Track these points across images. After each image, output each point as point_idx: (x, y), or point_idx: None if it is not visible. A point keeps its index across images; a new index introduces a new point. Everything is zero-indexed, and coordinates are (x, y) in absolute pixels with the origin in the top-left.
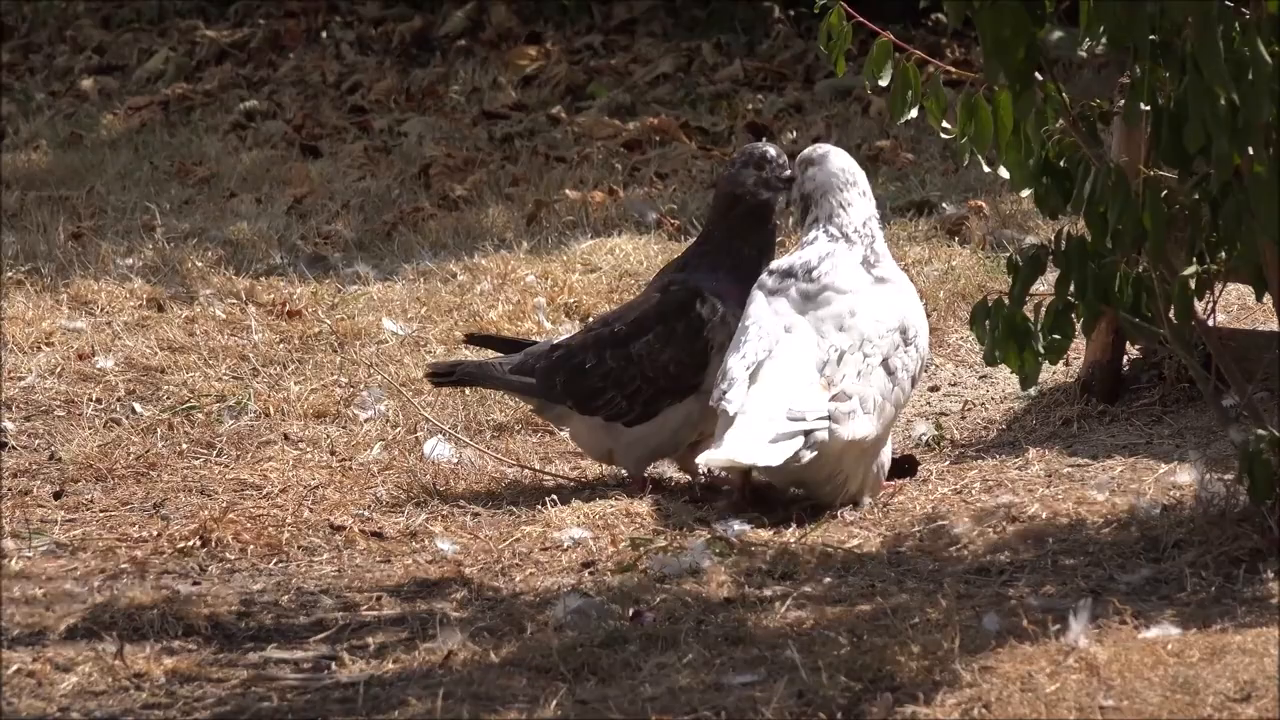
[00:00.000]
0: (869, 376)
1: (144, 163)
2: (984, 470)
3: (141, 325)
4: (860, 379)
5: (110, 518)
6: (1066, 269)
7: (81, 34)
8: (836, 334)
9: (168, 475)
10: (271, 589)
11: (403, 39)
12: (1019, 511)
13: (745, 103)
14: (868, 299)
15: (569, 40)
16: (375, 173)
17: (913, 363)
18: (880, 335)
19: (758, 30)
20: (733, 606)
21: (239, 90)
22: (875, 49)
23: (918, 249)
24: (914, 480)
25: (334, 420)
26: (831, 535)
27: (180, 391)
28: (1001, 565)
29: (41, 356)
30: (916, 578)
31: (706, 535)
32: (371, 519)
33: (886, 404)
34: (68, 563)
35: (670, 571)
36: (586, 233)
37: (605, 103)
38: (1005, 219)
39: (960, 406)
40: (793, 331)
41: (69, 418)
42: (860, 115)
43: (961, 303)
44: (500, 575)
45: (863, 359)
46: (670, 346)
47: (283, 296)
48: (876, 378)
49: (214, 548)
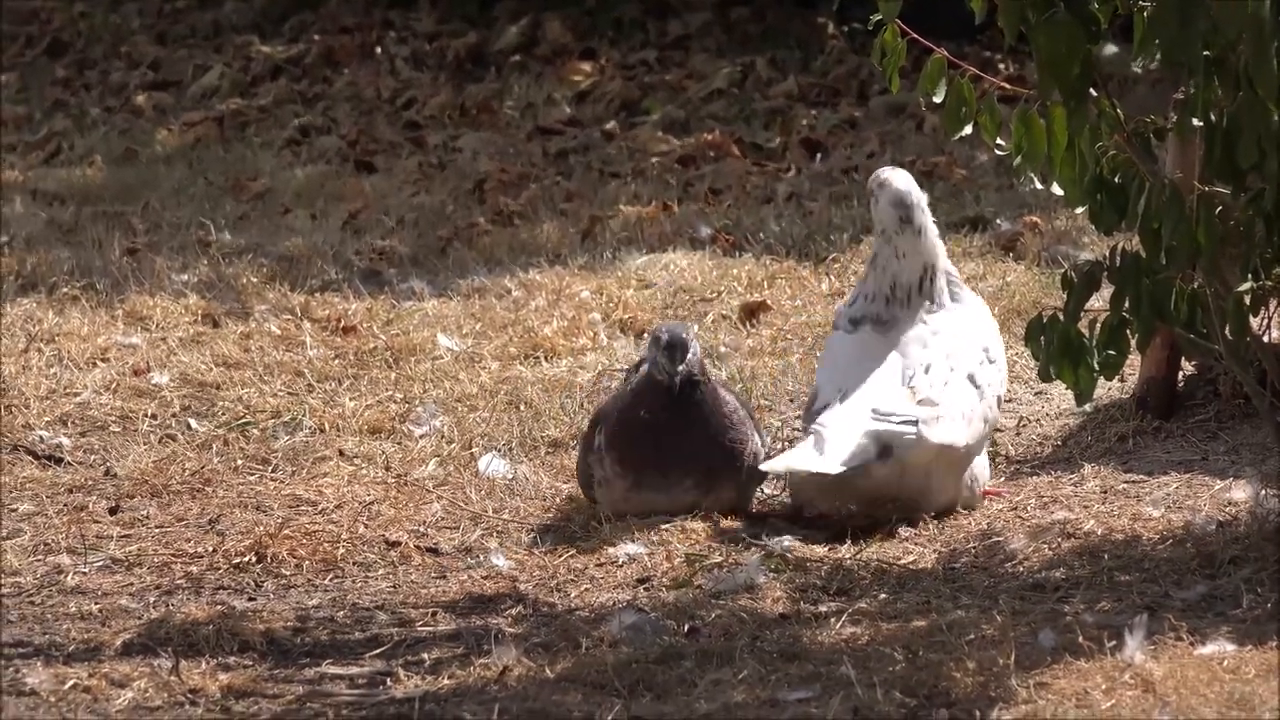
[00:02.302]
0: (956, 387)
1: (199, 178)
2: (1039, 486)
3: (196, 341)
4: (947, 388)
5: (165, 533)
6: (1121, 285)
7: (136, 50)
8: (920, 350)
9: (223, 491)
10: (327, 605)
11: (457, 54)
12: (1074, 528)
13: (799, 118)
14: (947, 319)
15: (623, 56)
16: (430, 188)
17: (996, 380)
18: (963, 350)
19: (812, 46)
20: (788, 622)
21: (293, 106)
22: (929, 65)
23: (972, 265)
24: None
25: (389, 436)
26: (887, 551)
27: (235, 407)
28: (1057, 581)
29: (97, 372)
30: (972, 594)
31: (761, 551)
32: (426, 535)
33: (975, 416)
34: (123, 578)
35: (725, 587)
36: (641, 248)
37: (659, 118)
38: (1059, 235)
39: (1015, 422)
40: (876, 355)
41: (124, 434)
42: (914, 131)
43: (1016, 319)
44: (555, 591)
45: (949, 370)
46: None
47: (337, 312)
48: (963, 389)
49: (269, 564)
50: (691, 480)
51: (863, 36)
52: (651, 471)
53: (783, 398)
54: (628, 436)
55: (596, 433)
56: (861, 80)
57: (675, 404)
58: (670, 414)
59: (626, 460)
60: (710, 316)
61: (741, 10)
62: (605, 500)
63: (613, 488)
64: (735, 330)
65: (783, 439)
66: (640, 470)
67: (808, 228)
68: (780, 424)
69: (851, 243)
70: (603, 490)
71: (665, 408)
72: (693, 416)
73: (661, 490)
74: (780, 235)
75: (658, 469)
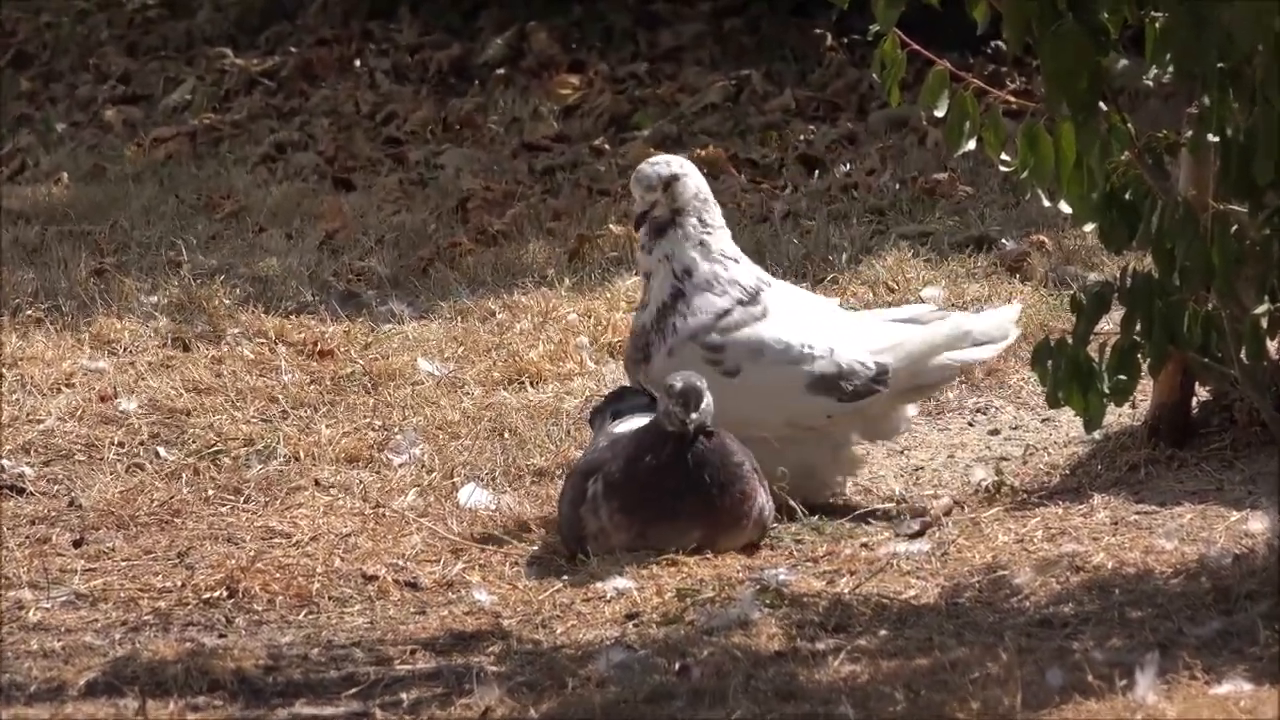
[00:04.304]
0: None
1: (169, 196)
2: (1046, 518)
3: (166, 366)
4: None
5: (132, 567)
6: (1132, 307)
7: (105, 62)
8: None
9: (193, 523)
10: (301, 642)
11: (439, 67)
12: (1083, 561)
13: (797, 134)
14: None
15: (613, 69)
16: (411, 206)
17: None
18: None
19: (810, 59)
20: (784, 660)
21: (269, 121)
22: (931, 78)
23: (976, 286)
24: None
25: (367, 465)
26: (887, 586)
27: (206, 435)
28: (1065, 617)
29: (61, 398)
30: (976, 630)
31: (756, 586)
32: (406, 568)
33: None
34: (88, 614)
35: (718, 623)
36: (631, 269)
37: (651, 134)
38: (1068, 255)
39: (1021, 451)
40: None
41: (90, 462)
42: (916, 146)
43: (1023, 342)
44: (540, 627)
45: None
46: None
47: (314, 335)
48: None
49: (241, 599)
50: (699, 532)
51: (862, 48)
52: (659, 522)
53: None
54: (633, 486)
55: (590, 483)
56: (861, 94)
57: (683, 453)
58: (678, 463)
59: (632, 510)
60: None
61: (735, 21)
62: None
63: (611, 539)
64: None
65: None
66: (647, 521)
67: (805, 247)
68: None
69: (851, 263)
70: (597, 543)
71: (674, 457)
72: (701, 466)
73: (667, 541)
74: (777, 255)
75: (666, 519)
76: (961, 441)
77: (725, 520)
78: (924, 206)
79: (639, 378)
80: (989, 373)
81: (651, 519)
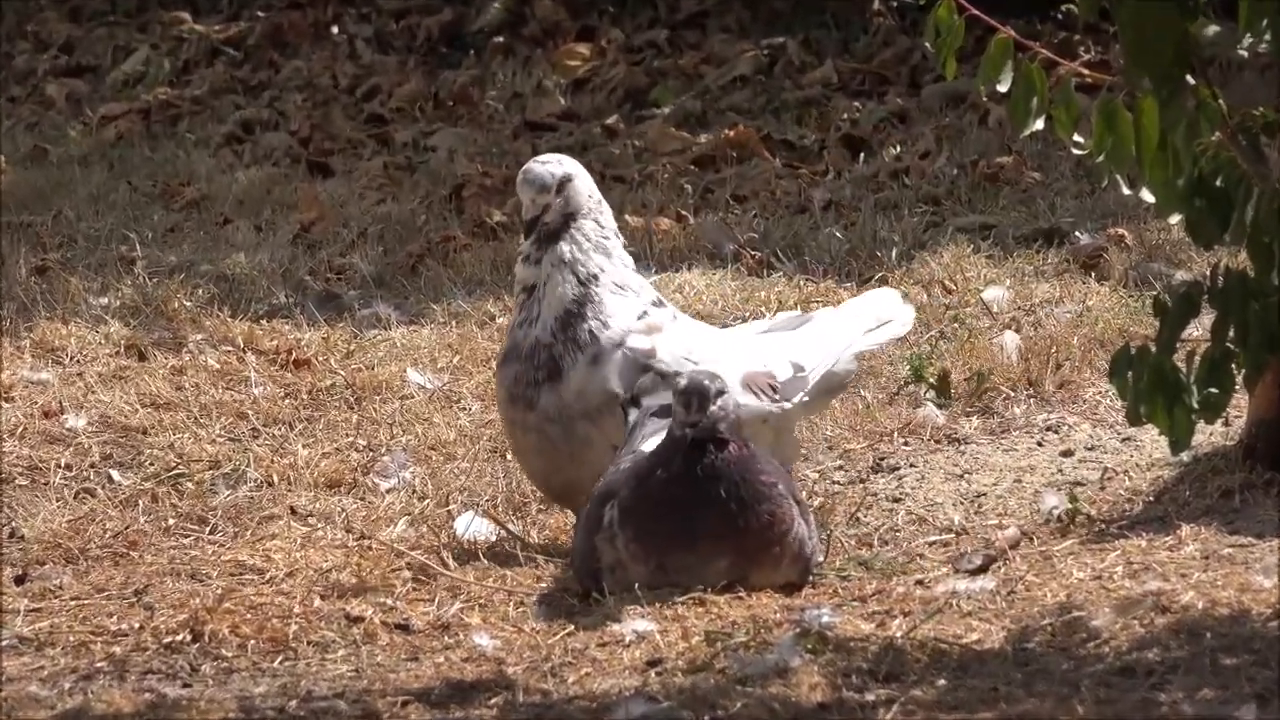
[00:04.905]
0: None
1: (120, 182)
2: (1128, 551)
3: (119, 377)
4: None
5: (83, 607)
6: (1224, 310)
7: (45, 29)
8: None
9: (151, 556)
10: (275, 693)
11: (429, 35)
12: (1170, 600)
13: (839, 111)
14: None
15: (628, 36)
16: (398, 195)
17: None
18: None
19: (854, 25)
20: (827, 713)
21: (234, 96)
22: (993, 47)
23: (1046, 286)
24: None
25: (350, 491)
26: (945, 628)
27: (166, 456)
28: (1150, 665)
29: None
30: (1048, 680)
31: (796, 628)
32: (395, 608)
33: None
34: (32, 660)
35: (753, 671)
36: (650, 266)
37: (671, 111)
38: (1151, 250)
39: (1099, 475)
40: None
41: (33, 487)
42: (976, 126)
43: (1099, 351)
44: (550, 676)
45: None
46: None
47: (288, 343)
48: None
49: (207, 643)
50: (725, 561)
51: (914, 13)
52: (677, 551)
53: (820, 445)
54: (645, 506)
55: (606, 509)
56: (913, 65)
57: (697, 467)
58: (687, 474)
59: (646, 536)
60: None
61: None
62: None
63: (629, 572)
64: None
65: (821, 494)
66: (663, 551)
67: (849, 242)
68: (818, 476)
69: (902, 260)
70: (613, 577)
71: (683, 468)
72: (716, 478)
73: (691, 574)
74: (816, 251)
75: (684, 547)
76: (1030, 464)
77: (752, 544)
78: (985, 195)
79: (540, 400)
80: (1060, 385)
81: (668, 545)
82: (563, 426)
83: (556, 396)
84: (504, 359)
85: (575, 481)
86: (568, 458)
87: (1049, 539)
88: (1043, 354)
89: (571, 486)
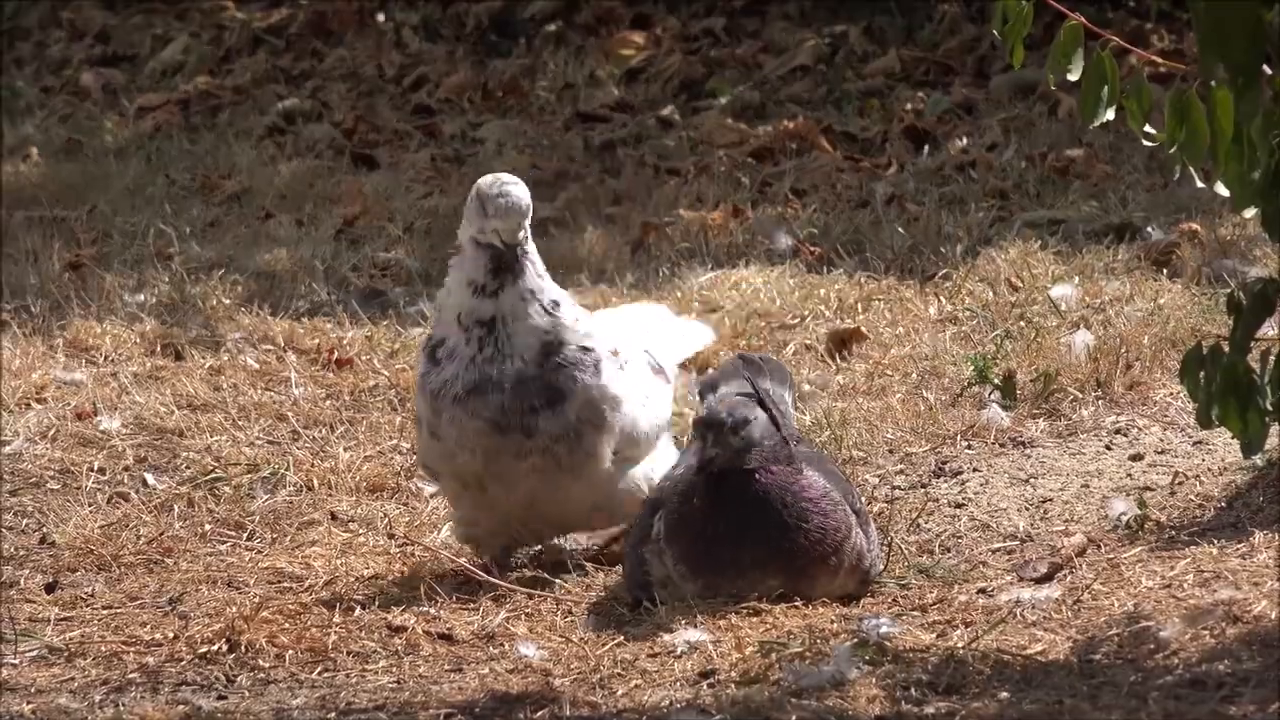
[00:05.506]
0: None
1: (159, 175)
2: (1198, 559)
3: (155, 377)
4: None
5: (116, 616)
6: None
7: (81, 17)
8: None
9: (186, 563)
10: (314, 705)
11: (479, 23)
12: (1242, 610)
13: (902, 102)
14: None
15: (684, 24)
16: (445, 188)
17: None
18: None
19: (918, 12)
20: None
21: (276, 86)
22: (1063, 34)
23: (1116, 283)
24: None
25: (392, 495)
26: (1008, 639)
27: (202, 460)
28: (1220, 677)
29: (31, 415)
30: (1114, 692)
31: (853, 639)
32: (439, 617)
33: None
34: (63, 671)
35: (808, 683)
36: (705, 263)
37: (729, 102)
38: (1225, 246)
39: (1169, 479)
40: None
41: (65, 491)
42: (1046, 117)
43: (1171, 350)
44: (598, 688)
45: None
46: None
47: (330, 342)
48: None
49: (244, 653)
50: (778, 580)
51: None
52: (725, 576)
53: (880, 448)
54: (688, 534)
55: (655, 520)
56: (980, 55)
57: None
58: (726, 512)
59: (691, 561)
60: (792, 347)
61: None
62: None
63: (678, 590)
64: (822, 364)
65: (881, 499)
66: (712, 570)
67: (912, 237)
68: (878, 480)
69: (967, 256)
70: (664, 591)
71: (719, 504)
72: (757, 511)
73: (743, 591)
74: (878, 247)
75: (733, 575)
76: (1097, 468)
77: (803, 562)
78: (1054, 189)
79: (540, 424)
80: (1130, 386)
81: (715, 570)
82: (568, 444)
83: (560, 418)
84: (470, 391)
85: (565, 501)
86: (570, 473)
87: (1117, 546)
88: (1112, 354)
89: (559, 506)
